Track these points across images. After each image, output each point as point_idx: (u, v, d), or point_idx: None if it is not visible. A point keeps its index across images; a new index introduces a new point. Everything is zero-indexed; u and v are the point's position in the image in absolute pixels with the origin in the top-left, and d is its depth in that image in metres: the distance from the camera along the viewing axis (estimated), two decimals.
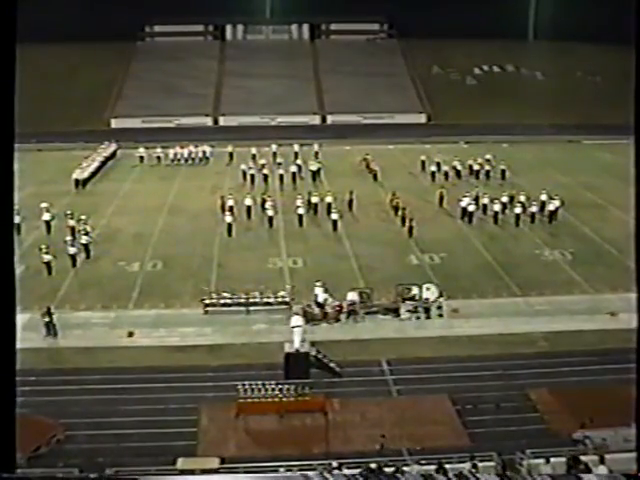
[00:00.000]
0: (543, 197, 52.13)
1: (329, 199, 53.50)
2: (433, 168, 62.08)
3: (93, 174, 63.79)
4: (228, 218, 48.84)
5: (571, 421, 26.20)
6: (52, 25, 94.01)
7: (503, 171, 61.53)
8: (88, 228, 46.27)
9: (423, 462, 22.81)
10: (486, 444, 24.72)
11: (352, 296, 35.89)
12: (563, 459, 22.63)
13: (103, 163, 67.85)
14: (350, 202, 54.76)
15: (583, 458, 22.47)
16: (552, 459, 22.59)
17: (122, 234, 49.28)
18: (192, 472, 22.87)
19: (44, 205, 50.28)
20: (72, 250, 43.04)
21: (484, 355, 32.12)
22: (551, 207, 50.94)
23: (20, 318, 35.84)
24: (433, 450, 24.41)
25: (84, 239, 44.72)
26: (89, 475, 20.90)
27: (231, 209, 51.74)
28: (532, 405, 28.19)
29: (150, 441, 25.82)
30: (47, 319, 33.89)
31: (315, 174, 62.23)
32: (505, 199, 52.96)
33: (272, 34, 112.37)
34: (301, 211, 50.85)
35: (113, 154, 71.89)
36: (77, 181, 60.40)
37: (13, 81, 8.11)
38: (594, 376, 29.51)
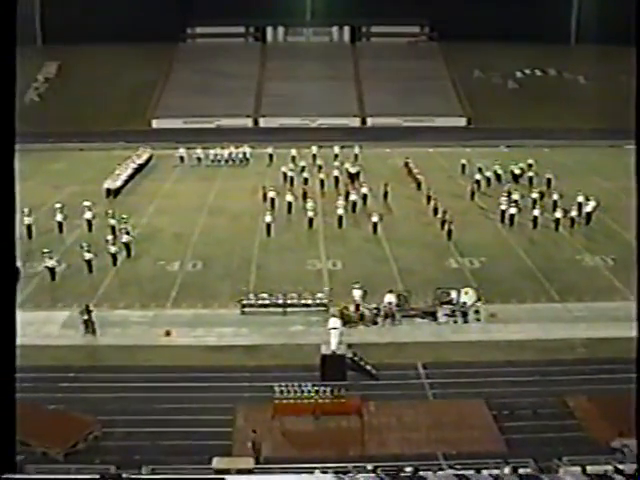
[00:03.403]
0: (580, 199, 51.88)
1: (364, 190, 55.87)
2: (478, 176, 61.09)
3: (126, 182, 62.10)
4: (268, 218, 49.08)
5: (609, 429, 25.90)
6: (96, 27, 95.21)
7: (549, 180, 60.45)
8: (129, 227, 46.73)
9: (459, 467, 22.68)
10: (522, 450, 24.54)
11: (389, 299, 35.82)
12: (601, 467, 22.36)
13: (137, 170, 66.28)
14: (385, 194, 56.16)
15: (621, 467, 22.18)
16: (589, 467, 22.32)
17: (162, 234, 49.63)
18: (227, 472, 22.98)
19: (86, 204, 50.86)
20: (113, 249, 43.43)
21: (522, 360, 31.87)
22: (588, 208, 50.82)
23: (60, 315, 36.31)
24: (469, 455, 24.27)
25: (125, 238, 45.12)
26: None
27: (272, 202, 53.44)
28: (570, 412, 27.90)
29: (186, 440, 25.95)
30: (86, 317, 34.21)
31: (354, 177, 62.14)
32: (535, 195, 53.64)
33: (313, 36, 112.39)
34: (341, 212, 50.95)
35: (147, 160, 70.46)
36: (108, 191, 58.61)
37: (13, 81, 8.16)
38: (633, 384, 29.11)
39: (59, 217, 49.53)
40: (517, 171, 62.95)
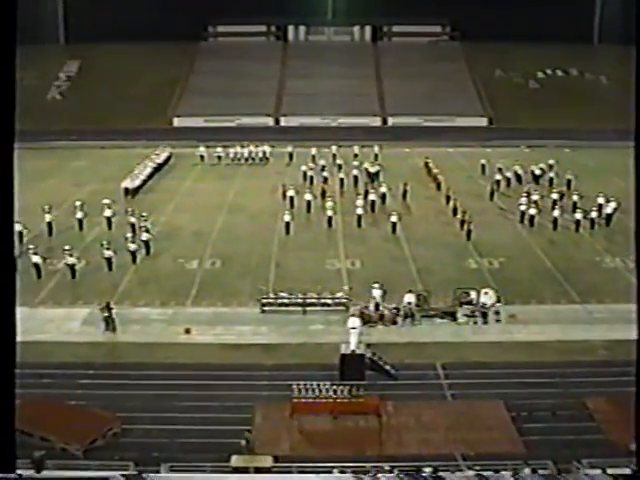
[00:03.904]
0: (600, 200, 51.57)
1: (384, 189, 56.01)
2: (498, 177, 60.90)
3: (144, 181, 61.86)
4: (287, 217, 49.16)
5: (629, 431, 25.70)
6: (117, 25, 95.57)
7: (569, 181, 59.93)
8: (149, 225, 46.91)
9: (477, 467, 22.64)
10: (541, 452, 24.45)
11: (409, 298, 35.78)
12: (620, 470, 22.25)
13: (156, 170, 65.91)
14: (404, 193, 56.49)
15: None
16: (609, 469, 22.22)
17: (182, 232, 49.78)
18: (246, 470, 23.05)
19: (106, 202, 51.08)
20: (132, 246, 43.59)
21: (541, 362, 31.75)
22: (608, 210, 50.45)
23: (80, 312, 36.52)
24: (487, 456, 24.21)
25: (145, 236, 45.29)
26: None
27: (291, 201, 53.82)
28: (589, 414, 27.77)
29: (205, 437, 26.02)
30: (106, 314, 34.39)
31: (374, 176, 62.08)
32: (555, 196, 53.60)
33: (334, 35, 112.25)
34: (360, 211, 50.95)
35: (167, 160, 70.18)
36: (127, 190, 58.30)
37: (13, 81, 8.19)
38: None
39: (79, 215, 49.82)
40: (537, 171, 62.65)
